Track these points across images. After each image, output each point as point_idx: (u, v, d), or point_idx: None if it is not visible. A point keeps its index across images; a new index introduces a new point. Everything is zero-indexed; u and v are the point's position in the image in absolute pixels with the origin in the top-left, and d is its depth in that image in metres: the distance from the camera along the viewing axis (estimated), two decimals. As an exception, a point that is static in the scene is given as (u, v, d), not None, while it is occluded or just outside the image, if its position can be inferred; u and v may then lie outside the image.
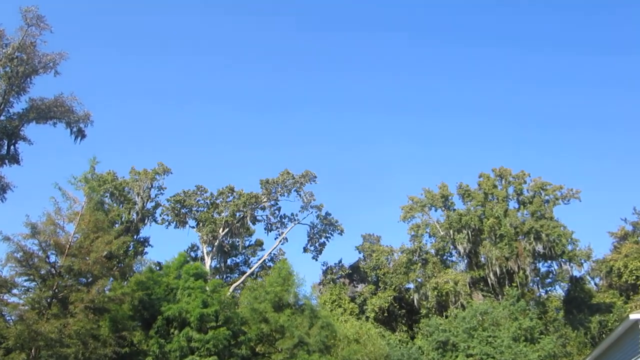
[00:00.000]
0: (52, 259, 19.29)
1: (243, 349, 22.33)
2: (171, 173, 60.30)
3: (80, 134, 41.87)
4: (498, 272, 48.30)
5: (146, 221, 58.16)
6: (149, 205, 58.92)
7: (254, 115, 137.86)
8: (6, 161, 41.79)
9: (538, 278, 55.03)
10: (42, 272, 18.66)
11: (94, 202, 20.41)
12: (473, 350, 41.81)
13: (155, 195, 59.77)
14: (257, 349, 24.42)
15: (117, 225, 55.24)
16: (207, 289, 23.11)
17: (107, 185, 54.94)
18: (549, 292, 57.22)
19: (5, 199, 40.24)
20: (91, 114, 41.66)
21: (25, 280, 18.77)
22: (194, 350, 20.78)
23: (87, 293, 18.03)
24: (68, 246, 19.21)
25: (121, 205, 57.09)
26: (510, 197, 55.18)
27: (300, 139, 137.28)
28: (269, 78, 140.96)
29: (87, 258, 19.19)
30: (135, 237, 56.19)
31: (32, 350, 17.27)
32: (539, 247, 48.67)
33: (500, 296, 48.83)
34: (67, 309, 18.16)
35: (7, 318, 17.52)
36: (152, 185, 58.94)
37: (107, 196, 56.01)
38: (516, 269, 48.03)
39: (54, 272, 19.04)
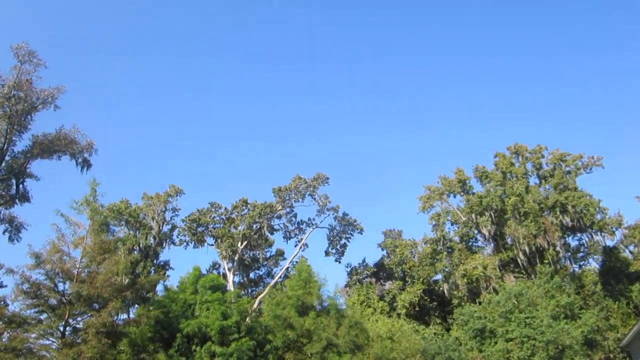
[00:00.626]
0: (61, 287, 18.59)
1: (270, 358, 21.30)
2: (183, 193, 60.00)
3: (85, 164, 41.42)
4: (527, 250, 46.47)
5: (164, 245, 57.70)
6: (165, 228, 58.56)
7: (257, 123, 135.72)
8: (17, 200, 41.72)
9: (570, 253, 52.94)
10: (52, 302, 17.94)
11: (97, 224, 19.74)
12: (512, 334, 40.07)
13: (171, 218, 59.40)
14: (285, 357, 23.36)
15: (135, 253, 55.03)
16: (226, 300, 22.17)
17: (121, 213, 54.80)
18: (583, 267, 54.95)
19: (21, 238, 39.98)
20: (94, 143, 41.23)
21: (36, 312, 18.07)
22: (218, 365, 19.89)
23: (98, 317, 17.23)
24: (76, 272, 18.48)
25: (138, 232, 56.81)
26: (530, 173, 53.38)
27: (305, 138, 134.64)
28: (263, 77, 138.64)
29: (95, 282, 18.42)
30: (155, 261, 55.77)
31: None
32: (567, 220, 46.76)
33: (532, 276, 46.98)
34: (80, 337, 17.39)
35: (20, 353, 16.76)
36: (166, 208, 58.67)
37: (122, 224, 55.86)
38: (546, 246, 46.15)
39: (64, 300, 18.29)
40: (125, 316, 19.76)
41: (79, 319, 17.60)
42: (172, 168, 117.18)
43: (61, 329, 17.71)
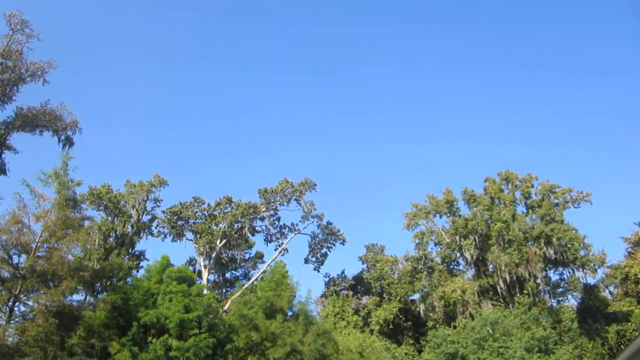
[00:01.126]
0: (15, 260, 17.51)
1: (230, 358, 20.24)
2: (167, 185, 58.68)
3: (68, 142, 40.27)
4: (508, 279, 45.84)
5: (142, 234, 56.29)
6: (145, 218, 57.21)
7: (250, 122, 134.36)
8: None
9: (549, 287, 52.41)
10: (3, 275, 16.85)
11: (64, 198, 18.71)
12: (484, 362, 39.30)
13: (152, 209, 58.05)
14: (246, 359, 22.32)
15: (111, 239, 53.70)
16: (191, 293, 21.13)
17: (101, 198, 53.54)
18: (562, 302, 54.39)
19: (-5, 210, 38.69)
20: (79, 122, 40.13)
21: (-16, 284, 16.93)
22: (174, 359, 18.75)
23: (48, 295, 16.17)
24: (34, 246, 17.42)
25: (116, 219, 55.48)
26: (518, 201, 52.99)
27: (297, 145, 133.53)
28: (261, 81, 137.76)
29: (52, 258, 17.37)
30: (130, 250, 54.34)
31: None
32: (550, 252, 46.25)
33: (510, 305, 46.33)
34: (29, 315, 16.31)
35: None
36: (148, 198, 57.30)
37: (101, 209, 54.55)
38: (527, 276, 45.57)
39: (18, 274, 17.21)
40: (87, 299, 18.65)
41: (31, 295, 16.50)
42: (158, 158, 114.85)
43: (10, 304, 16.61)
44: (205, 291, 21.13)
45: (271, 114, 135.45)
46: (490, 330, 40.56)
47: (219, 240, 54.46)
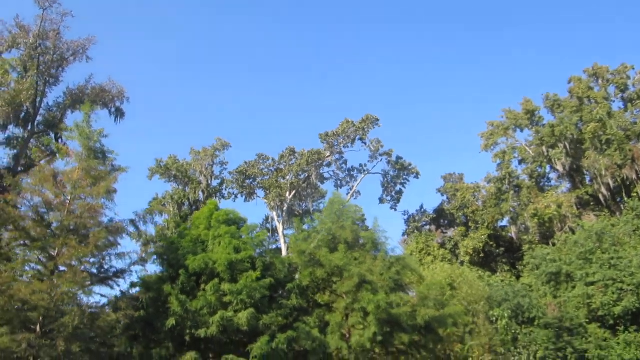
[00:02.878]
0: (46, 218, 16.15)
1: (293, 298, 17.99)
2: (230, 147, 57.49)
3: (119, 113, 39.61)
4: (611, 184, 39.59)
5: (214, 198, 56.14)
6: (215, 182, 56.84)
7: (302, 70, 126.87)
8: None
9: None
10: (32, 234, 15.54)
11: (86, 149, 17.06)
12: (594, 277, 34.32)
13: (220, 172, 57.50)
14: (314, 298, 20.05)
15: (185, 207, 53.92)
16: (242, 235, 18.98)
17: (169, 169, 53.60)
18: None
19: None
20: (125, 90, 39.11)
21: (17, 246, 15.81)
22: (227, 305, 16.79)
23: (75, 248, 14.58)
24: (61, 202, 15.88)
25: (186, 187, 55.48)
26: (613, 97, 45.51)
27: (355, 79, 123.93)
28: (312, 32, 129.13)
29: (77, 210, 15.77)
30: (205, 216, 54.38)
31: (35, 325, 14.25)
32: (660, 147, 39.22)
33: (617, 214, 40.25)
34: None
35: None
36: (213, 162, 56.65)
37: (172, 180, 54.72)
38: (634, 177, 38.99)
39: (50, 232, 15.84)
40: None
41: (63, 251, 15.10)
42: (218, 121, 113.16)
43: (44, 262, 15.35)
44: (253, 230, 18.89)
45: (320, 54, 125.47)
46: (598, 242, 35.31)
47: (288, 193, 52.72)
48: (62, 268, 15.60)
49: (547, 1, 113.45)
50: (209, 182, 55.85)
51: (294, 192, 53.04)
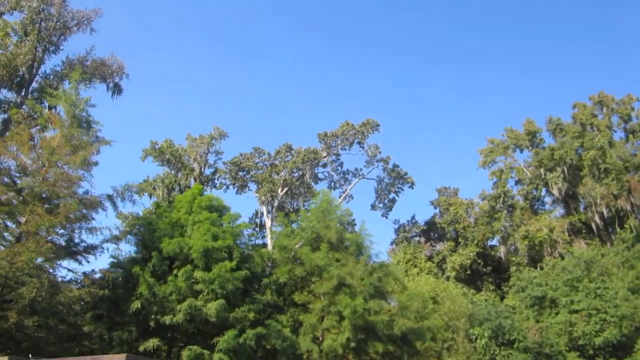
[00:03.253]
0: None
1: (268, 294, 17.21)
2: (228, 137, 56.68)
3: (116, 89, 38.84)
4: (605, 213, 39.08)
5: (205, 188, 55.37)
6: (208, 171, 56.10)
7: (309, 67, 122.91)
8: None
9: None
10: (1, 198, 14.71)
11: (70, 116, 16.28)
12: (578, 305, 33.74)
13: (215, 162, 56.74)
14: (291, 296, 19.29)
15: (175, 192, 53.15)
16: (223, 223, 18.21)
17: (163, 152, 52.83)
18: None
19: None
20: (125, 66, 38.30)
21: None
22: (198, 294, 15.98)
23: (42, 216, 13.75)
24: (34, 167, 15.08)
25: (179, 173, 54.66)
26: (615, 127, 45.02)
27: (357, 84, 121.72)
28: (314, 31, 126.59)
29: (51, 178, 14.97)
30: (194, 203, 53.54)
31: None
32: (658, 181, 38.69)
33: (608, 244, 39.71)
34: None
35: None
36: (208, 151, 55.91)
37: (165, 164, 53.94)
38: (629, 208, 38.48)
39: (21, 198, 15.03)
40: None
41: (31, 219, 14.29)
42: (217, 111, 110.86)
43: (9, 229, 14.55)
44: (234, 219, 18.10)
45: (324, 54, 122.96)
46: (585, 269, 34.73)
47: (280, 189, 51.98)
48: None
49: (566, 24, 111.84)
50: (202, 169, 55.05)
51: (287, 189, 52.27)
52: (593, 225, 40.64)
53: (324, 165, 54.56)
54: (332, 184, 54.89)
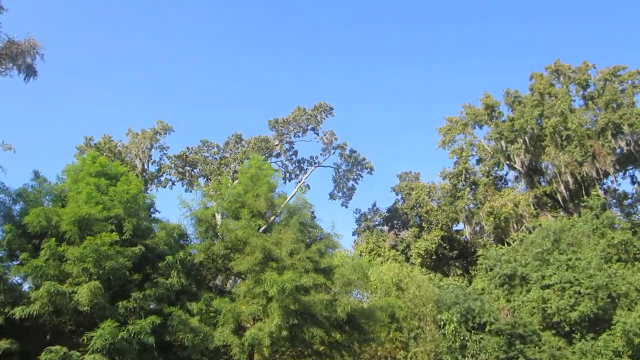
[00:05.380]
0: None
1: (174, 276, 13.14)
2: (173, 131, 52.19)
3: (29, 72, 33.76)
4: (570, 182, 36.58)
5: (149, 185, 50.59)
6: (152, 168, 51.31)
7: (253, 52, 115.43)
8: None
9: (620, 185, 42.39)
10: None
11: None
12: (550, 279, 30.86)
13: (160, 158, 51.99)
14: (207, 278, 15.33)
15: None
16: (117, 192, 14.04)
17: (101, 149, 47.80)
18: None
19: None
20: (38, 45, 33.41)
21: None
22: (68, 276, 11.80)
23: None
24: None
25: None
26: (574, 96, 42.88)
27: (309, 66, 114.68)
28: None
29: None
30: (138, 203, 48.64)
31: None
32: (621, 145, 36.52)
33: (575, 215, 37.32)
34: None
35: None
36: (152, 146, 51.15)
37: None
38: (595, 174, 36.10)
39: None
40: None
41: None
42: (161, 104, 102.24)
43: None
44: (134, 185, 13.88)
45: (268, 32, 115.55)
46: (555, 241, 31.99)
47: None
48: None
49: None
50: (146, 166, 50.24)
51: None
52: (559, 196, 38.11)
53: (278, 155, 50.68)
54: (287, 174, 51.07)
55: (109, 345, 11.02)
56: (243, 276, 14.91)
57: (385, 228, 52.65)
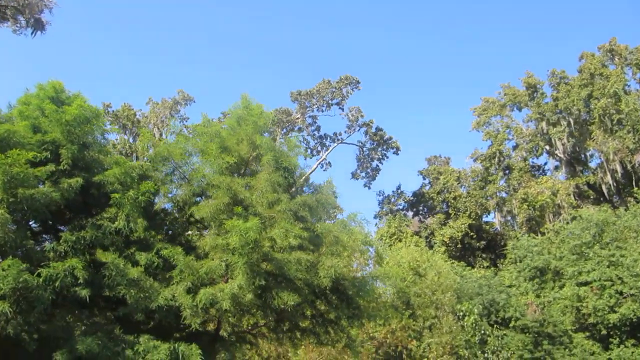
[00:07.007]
0: None
1: (120, 220, 10.58)
2: (194, 102, 50.48)
3: (37, 25, 32.15)
4: (619, 171, 32.20)
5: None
6: (171, 138, 49.57)
7: (283, 25, 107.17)
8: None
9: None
10: None
11: None
12: (588, 275, 26.98)
13: (181, 129, 50.16)
14: (171, 229, 12.78)
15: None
16: (67, 120, 11.58)
17: (119, 117, 46.43)
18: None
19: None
20: (50, -3, 31.75)
21: None
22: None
23: None
24: None
25: (137, 139, 48.10)
26: (629, 79, 38.07)
27: (335, 39, 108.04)
28: None
29: None
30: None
31: None
32: (682, 133, 31.82)
33: (623, 207, 32.98)
34: None
35: None
36: (172, 116, 49.48)
37: (121, 131, 47.57)
38: (648, 163, 31.64)
39: None
40: None
41: None
42: (182, 75, 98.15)
43: None
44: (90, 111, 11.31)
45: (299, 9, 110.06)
46: (597, 234, 27.99)
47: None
48: None
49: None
50: (164, 136, 48.57)
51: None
52: (604, 187, 33.69)
53: (300, 130, 47.93)
54: (309, 150, 48.34)
55: (18, 292, 8.62)
56: (207, 226, 12.29)
57: (410, 213, 49.20)
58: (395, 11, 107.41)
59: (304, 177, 16.84)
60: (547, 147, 36.99)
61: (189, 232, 13.37)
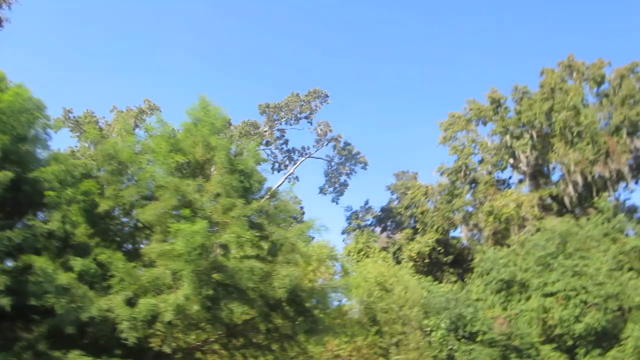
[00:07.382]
0: None
1: (55, 220, 9.46)
2: (160, 111, 49.12)
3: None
4: (580, 183, 32.73)
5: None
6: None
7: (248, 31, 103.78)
8: None
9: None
10: None
11: None
12: (553, 286, 27.01)
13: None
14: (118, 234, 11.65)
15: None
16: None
17: (80, 124, 44.63)
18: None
19: None
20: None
21: None
22: None
23: None
24: None
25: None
26: (587, 94, 39.10)
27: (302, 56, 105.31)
28: None
29: None
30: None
31: None
32: (637, 145, 32.69)
33: (585, 218, 33.46)
34: None
35: None
36: (136, 125, 47.90)
37: (84, 140, 45.65)
38: (608, 175, 32.21)
39: None
40: None
41: None
42: (148, 85, 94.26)
43: None
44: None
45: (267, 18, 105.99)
46: (561, 244, 28.10)
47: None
48: None
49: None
50: (127, 147, 46.77)
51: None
52: (566, 199, 34.13)
53: (267, 143, 47.19)
54: (277, 164, 47.60)
55: None
56: (153, 230, 11.31)
57: (378, 229, 48.82)
58: (363, 27, 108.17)
59: (270, 191, 16.06)
60: (512, 161, 37.39)
61: (137, 238, 12.36)
